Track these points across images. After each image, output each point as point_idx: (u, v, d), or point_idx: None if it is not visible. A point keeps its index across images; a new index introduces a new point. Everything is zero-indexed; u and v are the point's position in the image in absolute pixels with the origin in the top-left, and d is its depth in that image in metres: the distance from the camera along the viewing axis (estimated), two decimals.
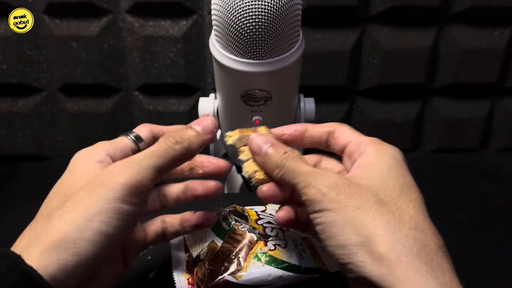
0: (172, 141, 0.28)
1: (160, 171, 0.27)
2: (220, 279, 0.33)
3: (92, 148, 0.29)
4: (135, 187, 0.25)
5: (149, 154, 0.27)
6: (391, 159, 0.27)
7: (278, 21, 0.35)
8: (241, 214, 0.39)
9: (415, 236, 0.23)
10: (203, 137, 0.30)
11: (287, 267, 0.34)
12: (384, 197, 0.25)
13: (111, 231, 0.24)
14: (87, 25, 0.69)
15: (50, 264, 0.22)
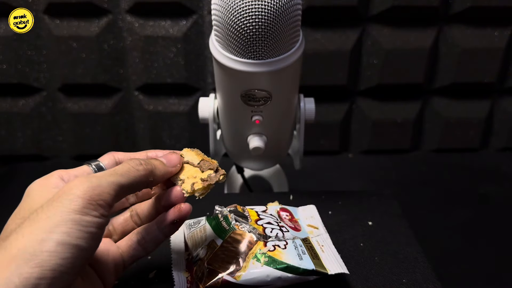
0: (136, 162, 0.29)
1: (122, 189, 0.27)
2: (218, 279, 0.33)
3: (46, 177, 0.29)
4: (94, 200, 0.25)
5: (110, 172, 0.27)
6: None
7: (278, 21, 0.35)
8: (242, 214, 0.39)
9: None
10: (167, 168, 0.31)
11: (286, 268, 0.34)
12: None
13: (74, 241, 0.23)
14: (87, 25, 0.69)
15: (11, 279, 0.21)
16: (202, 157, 0.34)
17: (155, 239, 0.33)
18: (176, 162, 0.32)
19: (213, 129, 0.52)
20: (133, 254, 0.33)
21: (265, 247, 0.35)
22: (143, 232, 0.33)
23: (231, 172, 0.64)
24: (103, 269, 0.31)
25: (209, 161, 0.34)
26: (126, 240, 0.33)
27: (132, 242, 0.33)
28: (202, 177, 0.33)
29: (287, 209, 0.43)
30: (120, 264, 0.32)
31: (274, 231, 0.37)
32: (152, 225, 0.33)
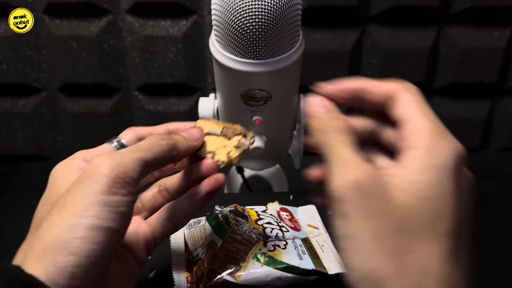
0: (158, 137, 0.28)
1: (146, 166, 0.26)
2: (218, 279, 0.33)
3: (69, 159, 0.29)
4: (120, 177, 0.24)
5: (133, 148, 0.26)
6: (438, 171, 0.22)
7: (278, 21, 0.35)
8: (242, 214, 0.39)
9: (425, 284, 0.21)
10: (190, 142, 0.30)
11: (285, 268, 0.34)
12: (410, 227, 0.21)
13: (105, 224, 0.23)
14: (87, 25, 0.69)
15: (49, 269, 0.21)
16: (223, 125, 0.33)
17: (186, 214, 0.32)
18: (198, 136, 0.31)
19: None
20: (163, 231, 0.32)
21: (265, 247, 0.35)
22: (173, 208, 0.32)
23: (231, 172, 0.64)
24: (135, 248, 0.30)
25: (231, 128, 0.33)
26: (155, 217, 0.32)
27: (162, 219, 0.32)
28: (235, 145, 0.32)
29: (287, 209, 0.43)
30: (151, 242, 0.32)
31: (274, 231, 0.37)
32: (183, 200, 0.32)
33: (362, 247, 0.21)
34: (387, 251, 0.21)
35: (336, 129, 0.25)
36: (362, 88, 0.27)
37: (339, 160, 0.23)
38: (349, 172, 0.22)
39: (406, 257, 0.21)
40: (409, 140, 0.24)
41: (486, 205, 0.61)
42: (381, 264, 0.21)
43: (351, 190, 0.22)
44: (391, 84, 0.26)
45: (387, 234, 0.21)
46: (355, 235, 0.22)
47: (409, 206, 0.22)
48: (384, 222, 0.21)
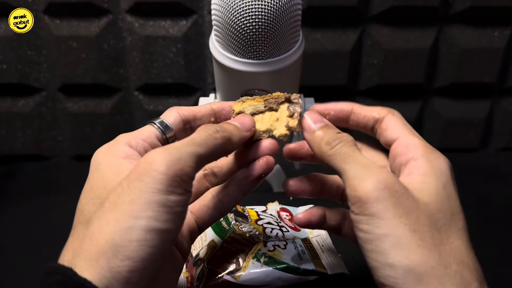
0: (213, 129, 0.26)
1: (201, 160, 0.24)
2: (218, 279, 0.33)
3: (112, 144, 0.27)
4: (178, 175, 0.22)
5: (188, 142, 0.25)
6: (444, 176, 0.25)
7: (278, 21, 0.35)
8: (242, 214, 0.39)
9: (462, 273, 0.22)
10: (242, 133, 0.28)
11: (286, 268, 0.34)
12: (437, 222, 0.23)
13: (162, 226, 0.21)
14: (87, 25, 0.69)
15: (103, 274, 0.20)
16: (262, 99, 0.31)
17: (234, 200, 0.30)
18: (250, 125, 0.29)
19: None
20: (208, 220, 0.31)
21: (265, 247, 0.35)
22: (219, 195, 0.30)
23: None
24: (180, 240, 0.29)
25: (273, 97, 0.31)
26: (199, 205, 0.31)
27: (207, 207, 0.31)
28: (287, 115, 0.30)
29: (287, 209, 0.43)
30: (195, 231, 0.30)
31: (274, 231, 0.37)
32: (231, 185, 0.30)
33: (401, 243, 0.22)
34: (425, 244, 0.22)
35: (348, 139, 0.27)
36: (354, 110, 0.30)
37: (360, 165, 0.25)
38: (376, 175, 0.23)
39: (443, 249, 0.22)
40: (406, 153, 0.26)
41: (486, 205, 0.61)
42: (422, 257, 0.22)
43: (381, 191, 0.23)
44: (378, 108, 0.29)
45: (423, 229, 0.22)
46: (392, 233, 0.22)
47: (431, 204, 0.23)
48: (418, 218, 0.23)
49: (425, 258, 0.22)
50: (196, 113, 0.30)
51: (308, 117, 0.29)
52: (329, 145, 0.27)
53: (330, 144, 0.27)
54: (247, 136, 0.29)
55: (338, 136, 0.27)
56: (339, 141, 0.26)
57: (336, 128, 0.28)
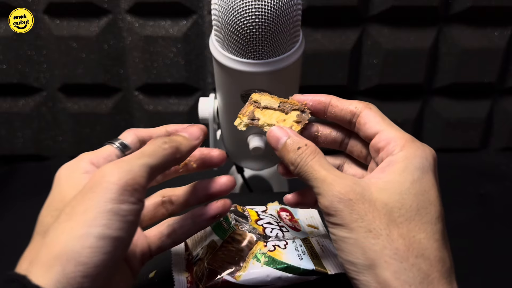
0: (161, 141, 0.28)
1: (152, 171, 0.26)
2: (218, 279, 0.33)
3: (75, 161, 0.28)
4: (129, 185, 0.24)
5: (138, 154, 0.26)
6: (417, 171, 0.26)
7: (278, 21, 0.35)
8: (242, 214, 0.39)
9: (420, 266, 0.24)
10: (191, 142, 0.30)
11: (286, 268, 0.34)
12: (398, 217, 0.25)
13: (114, 234, 0.23)
14: (87, 25, 0.69)
15: (58, 279, 0.21)
16: (279, 100, 0.32)
17: (187, 233, 0.32)
18: (198, 134, 0.31)
19: (213, 129, 0.52)
20: (160, 246, 0.32)
21: (265, 247, 0.35)
22: (175, 225, 0.32)
23: (231, 172, 0.64)
24: (131, 259, 0.30)
25: (288, 102, 0.32)
26: (155, 231, 0.32)
27: (162, 234, 0.32)
28: (294, 120, 0.31)
29: (287, 209, 0.43)
30: (147, 254, 0.32)
31: (274, 231, 0.37)
32: (186, 218, 0.32)
33: (357, 243, 0.25)
34: (380, 242, 0.24)
35: (307, 153, 0.28)
36: (332, 102, 0.31)
37: (319, 181, 0.26)
38: (331, 189, 0.26)
39: (400, 243, 0.24)
40: (386, 148, 0.28)
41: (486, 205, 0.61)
42: (376, 254, 0.24)
43: (337, 203, 0.25)
44: (355, 102, 0.30)
45: (379, 227, 0.24)
46: (350, 236, 0.25)
47: (391, 203, 0.25)
48: (374, 218, 0.25)
49: (379, 254, 0.24)
50: (151, 134, 0.32)
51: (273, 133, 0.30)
52: (293, 165, 0.28)
53: (293, 164, 0.28)
54: (196, 144, 0.30)
55: (298, 153, 0.28)
56: (300, 159, 0.28)
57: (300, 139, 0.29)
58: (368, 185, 0.26)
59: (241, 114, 0.33)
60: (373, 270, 0.24)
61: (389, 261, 0.24)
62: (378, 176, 0.27)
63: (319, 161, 0.27)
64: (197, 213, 0.32)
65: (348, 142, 0.32)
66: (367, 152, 0.31)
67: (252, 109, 0.33)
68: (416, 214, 0.25)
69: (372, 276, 0.24)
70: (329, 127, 0.33)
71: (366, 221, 0.24)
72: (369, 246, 0.24)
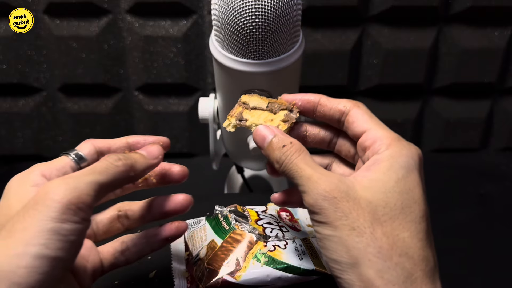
0: (114, 157, 0.27)
1: (102, 189, 0.25)
2: (218, 279, 0.33)
3: (26, 172, 0.27)
4: (73, 204, 0.22)
5: (87, 171, 0.25)
6: (402, 169, 0.26)
7: (278, 21, 0.35)
8: (242, 214, 0.39)
9: (403, 265, 0.24)
10: (149, 161, 0.29)
11: (286, 268, 0.34)
12: (382, 216, 0.25)
13: (53, 254, 0.22)
14: (87, 25, 0.69)
15: None
16: (268, 100, 0.33)
17: (140, 252, 0.32)
18: (157, 154, 0.30)
19: (213, 129, 0.52)
20: (113, 263, 0.32)
21: (265, 247, 0.35)
22: (129, 243, 0.32)
23: (231, 172, 0.64)
24: (81, 275, 0.29)
25: (277, 102, 0.32)
26: (108, 247, 0.32)
27: (115, 250, 0.32)
28: (282, 119, 0.31)
29: (287, 209, 0.43)
30: (98, 270, 0.31)
31: (274, 231, 0.37)
32: (141, 237, 0.32)
33: (341, 241, 0.24)
34: (363, 240, 0.24)
35: (291, 151, 0.28)
36: (321, 102, 0.31)
37: (304, 179, 0.26)
38: (315, 187, 0.25)
39: (384, 242, 0.24)
40: (372, 147, 0.27)
41: (486, 205, 0.61)
42: (359, 252, 0.24)
43: (322, 201, 0.25)
44: (344, 100, 0.30)
45: (363, 225, 0.24)
46: (334, 234, 0.25)
47: (375, 201, 0.25)
48: (358, 216, 0.24)
49: (362, 253, 0.24)
50: (111, 145, 0.31)
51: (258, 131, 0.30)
52: (278, 163, 0.28)
53: (278, 162, 0.28)
54: (153, 163, 0.30)
55: (283, 151, 0.28)
56: (284, 157, 0.27)
57: (285, 137, 0.29)
58: (353, 183, 0.26)
59: (230, 116, 0.33)
60: (356, 268, 0.24)
61: (372, 260, 0.24)
62: (363, 174, 0.26)
63: (304, 159, 0.27)
64: (151, 233, 0.32)
65: (337, 141, 0.32)
66: (354, 151, 0.31)
67: (240, 110, 0.33)
68: (400, 213, 0.25)
69: (356, 274, 0.24)
70: (318, 126, 0.33)
71: (350, 219, 0.24)
72: (353, 244, 0.24)
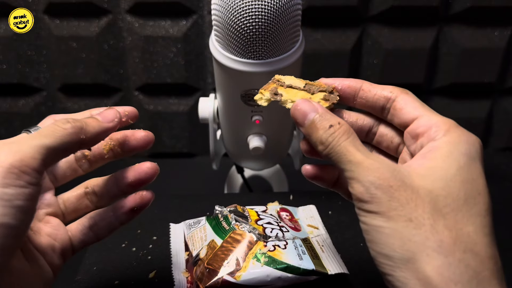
0: (63, 121, 0.26)
1: (49, 152, 0.24)
2: (218, 279, 0.33)
3: None
4: (15, 167, 0.22)
5: (33, 134, 0.24)
6: (464, 157, 0.23)
7: (278, 21, 0.35)
8: (242, 214, 0.39)
9: (468, 262, 0.21)
10: (102, 124, 0.28)
11: (286, 268, 0.34)
12: (444, 207, 0.22)
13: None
14: (87, 25, 0.69)
15: None
16: (305, 81, 0.30)
17: (108, 226, 0.31)
18: (112, 117, 0.29)
19: (213, 129, 0.52)
20: (83, 240, 0.30)
21: (265, 247, 0.35)
22: (96, 217, 0.31)
23: (231, 172, 0.64)
24: (50, 254, 0.28)
25: (315, 84, 0.30)
26: (76, 224, 0.31)
27: (83, 227, 0.31)
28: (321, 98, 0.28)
29: (287, 209, 0.43)
30: (68, 249, 0.30)
31: (274, 231, 0.37)
32: (107, 211, 0.31)
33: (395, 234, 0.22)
34: (422, 232, 0.21)
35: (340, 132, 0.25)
36: (363, 87, 0.28)
37: (354, 164, 0.24)
38: (368, 174, 0.23)
39: (446, 235, 0.21)
40: (427, 133, 0.25)
41: None
42: (416, 246, 0.21)
43: (375, 190, 0.22)
44: (390, 87, 0.28)
45: (422, 216, 0.22)
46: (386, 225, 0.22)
47: (436, 190, 0.22)
48: (416, 206, 0.22)
49: (420, 246, 0.21)
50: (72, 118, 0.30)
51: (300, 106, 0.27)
52: (323, 145, 0.25)
53: (323, 144, 0.25)
54: (108, 127, 0.28)
55: (330, 132, 0.25)
56: (332, 139, 0.25)
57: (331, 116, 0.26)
58: (409, 172, 0.23)
59: (263, 89, 0.30)
60: (412, 264, 0.21)
61: (432, 255, 0.21)
62: (419, 162, 0.24)
63: (353, 143, 0.24)
64: (118, 205, 0.30)
65: (376, 131, 0.30)
66: (398, 142, 0.28)
67: (275, 85, 0.30)
68: (463, 204, 0.22)
69: (411, 271, 0.21)
70: (356, 114, 0.30)
71: (407, 209, 0.22)
72: (409, 237, 0.21)
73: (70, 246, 0.30)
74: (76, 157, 0.32)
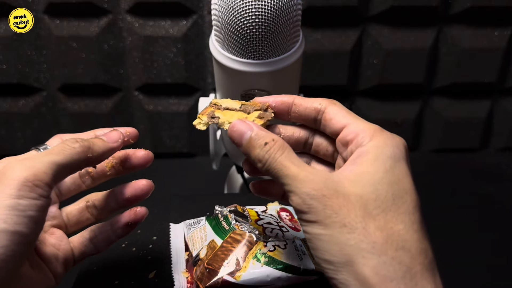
0: (72, 141, 0.28)
1: (59, 168, 0.26)
2: (218, 279, 0.33)
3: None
4: (29, 181, 0.24)
5: (45, 152, 0.27)
6: (389, 159, 0.25)
7: (278, 21, 0.35)
8: (242, 214, 0.39)
9: (401, 259, 0.23)
10: (108, 144, 0.30)
11: (286, 268, 0.34)
12: (374, 209, 0.23)
13: (11, 228, 0.23)
14: (87, 25, 0.69)
15: None
16: (240, 102, 0.32)
17: (107, 239, 0.33)
18: (117, 138, 0.31)
19: (213, 129, 0.52)
20: (83, 251, 0.32)
21: (265, 247, 0.35)
22: (96, 231, 0.33)
23: (231, 172, 0.64)
24: (53, 263, 0.30)
25: (250, 104, 0.31)
26: (78, 236, 0.33)
27: (84, 239, 0.33)
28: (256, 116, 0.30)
29: (287, 209, 0.43)
30: (70, 259, 0.32)
31: (274, 231, 0.37)
32: (106, 225, 0.33)
33: (332, 239, 0.23)
34: (356, 236, 0.23)
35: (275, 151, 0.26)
36: (295, 102, 0.30)
37: (290, 179, 0.25)
38: (303, 186, 0.24)
39: (378, 236, 0.23)
40: (355, 140, 0.26)
41: (486, 205, 0.61)
42: (352, 249, 0.23)
43: (310, 200, 0.24)
44: (319, 99, 0.29)
45: (355, 220, 0.23)
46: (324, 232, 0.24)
47: (365, 194, 0.24)
48: (349, 212, 0.23)
49: (355, 249, 0.23)
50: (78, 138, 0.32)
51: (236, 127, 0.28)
52: (261, 162, 0.26)
53: (261, 161, 0.26)
54: (112, 147, 0.30)
55: (266, 149, 0.26)
56: (268, 156, 0.26)
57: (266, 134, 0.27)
58: (340, 179, 0.25)
59: (201, 114, 0.32)
60: (351, 267, 0.23)
61: (366, 256, 0.22)
62: (349, 168, 0.25)
63: (288, 157, 0.26)
64: (114, 220, 0.33)
65: (313, 141, 0.31)
66: (333, 150, 0.30)
67: (212, 109, 0.32)
68: (392, 205, 0.24)
69: (351, 273, 0.23)
70: (292, 127, 0.32)
71: (341, 216, 0.23)
72: (345, 241, 0.23)
73: (72, 257, 0.32)
74: (80, 173, 0.34)
